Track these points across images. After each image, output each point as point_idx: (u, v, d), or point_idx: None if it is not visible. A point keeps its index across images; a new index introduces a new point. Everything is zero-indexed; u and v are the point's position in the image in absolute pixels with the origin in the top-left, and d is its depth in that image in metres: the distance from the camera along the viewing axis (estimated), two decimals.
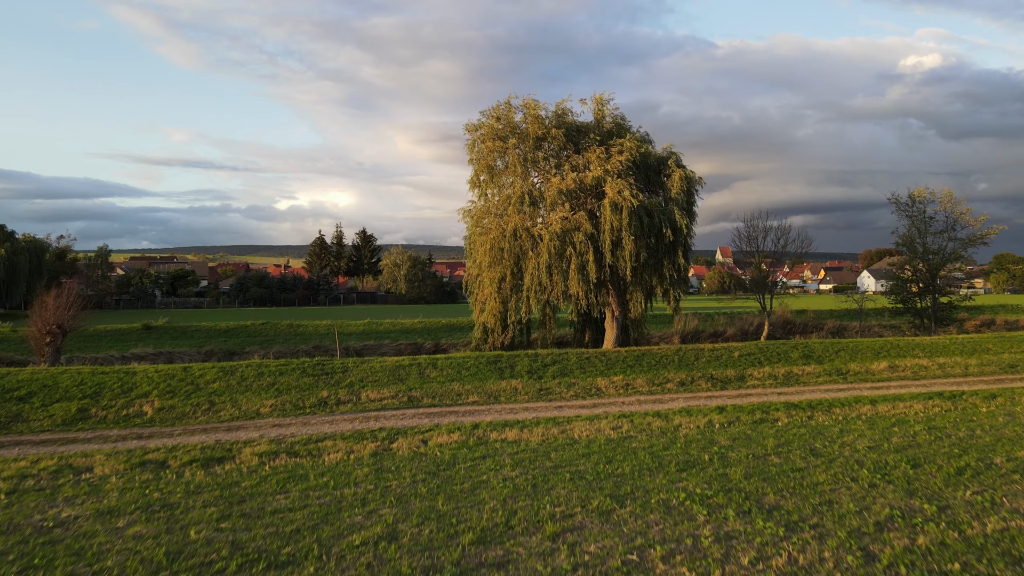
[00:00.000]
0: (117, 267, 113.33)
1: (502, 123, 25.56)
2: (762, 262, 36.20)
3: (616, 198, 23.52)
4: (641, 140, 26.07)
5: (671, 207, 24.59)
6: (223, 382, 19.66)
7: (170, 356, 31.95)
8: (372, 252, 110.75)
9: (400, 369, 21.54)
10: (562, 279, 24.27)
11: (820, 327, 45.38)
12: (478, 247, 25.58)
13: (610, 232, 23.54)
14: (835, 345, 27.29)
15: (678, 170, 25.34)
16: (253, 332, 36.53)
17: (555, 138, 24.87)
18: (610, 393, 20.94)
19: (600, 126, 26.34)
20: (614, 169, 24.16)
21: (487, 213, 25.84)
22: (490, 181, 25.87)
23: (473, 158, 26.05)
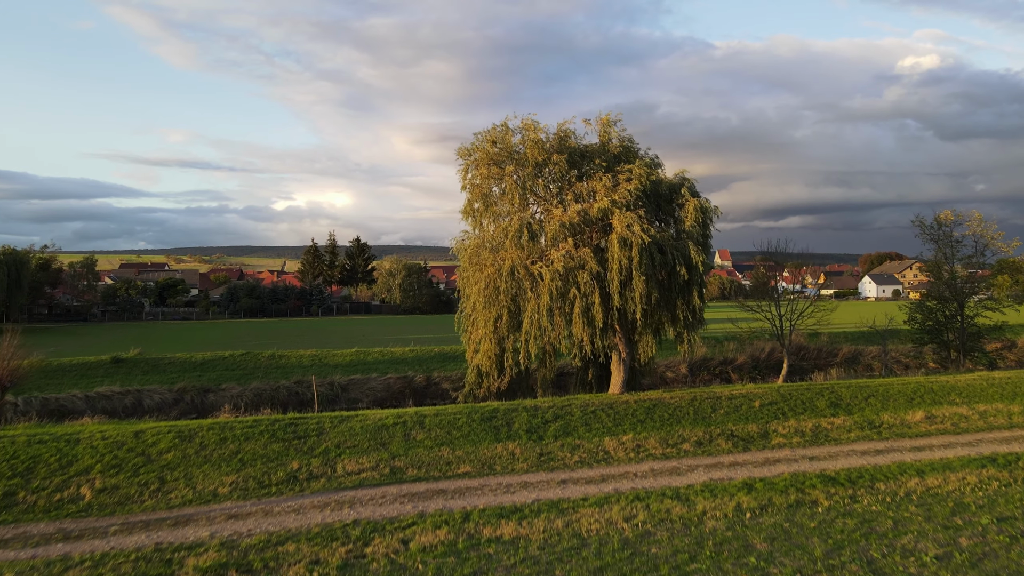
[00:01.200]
0: (105, 276, 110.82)
1: (498, 147, 23.15)
2: (782, 302, 33.61)
3: (625, 233, 21.13)
4: (650, 165, 23.68)
5: (685, 242, 22.20)
6: (179, 451, 17.20)
7: (139, 396, 29.48)
8: (366, 261, 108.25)
9: (383, 430, 19.10)
10: (564, 322, 21.88)
11: (835, 353, 43.04)
12: (472, 284, 23.18)
13: (618, 271, 21.14)
14: (864, 390, 24.90)
15: (692, 200, 22.96)
16: (231, 364, 34.01)
17: (557, 164, 22.47)
18: (619, 457, 18.55)
19: (606, 149, 23.95)
20: (622, 199, 21.77)
21: (482, 247, 23.43)
22: (485, 211, 23.45)
23: (466, 186, 23.63)
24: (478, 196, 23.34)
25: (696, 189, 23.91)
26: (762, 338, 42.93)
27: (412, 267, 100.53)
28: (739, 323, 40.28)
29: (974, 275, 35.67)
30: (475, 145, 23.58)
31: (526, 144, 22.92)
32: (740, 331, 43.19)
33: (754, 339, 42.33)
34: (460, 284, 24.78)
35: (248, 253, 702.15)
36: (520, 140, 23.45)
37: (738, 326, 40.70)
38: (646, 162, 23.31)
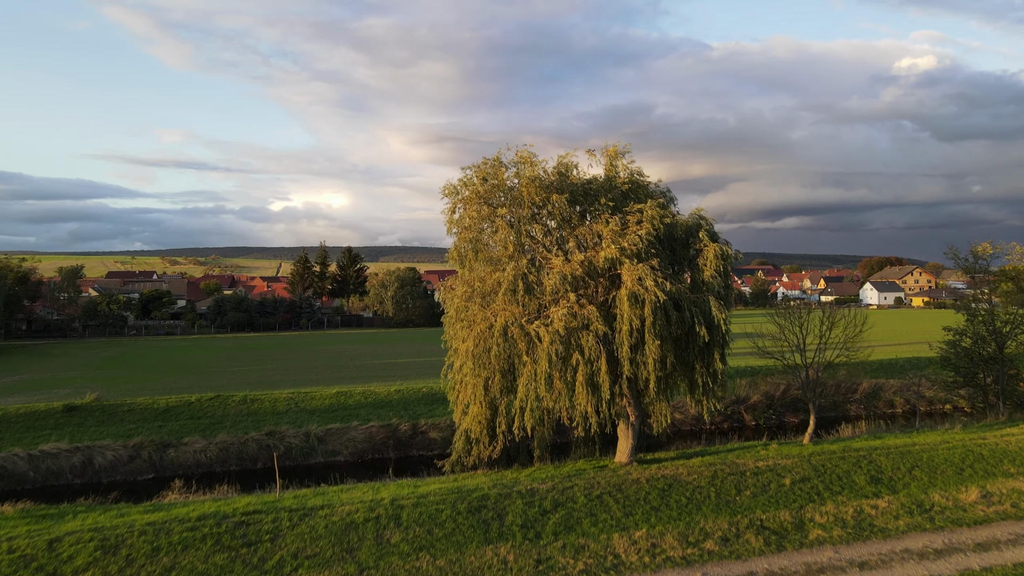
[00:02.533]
0: (89, 286, 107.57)
1: (490, 184, 20.15)
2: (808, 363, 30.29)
3: (636, 288, 18.14)
4: (663, 204, 20.67)
5: (705, 296, 19.23)
6: (98, 569, 14.15)
7: (89, 454, 26.37)
8: (358, 272, 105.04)
9: (351, 531, 16.06)
10: (566, 390, 18.89)
11: (854, 389, 40.08)
12: (459, 341, 20.18)
13: (628, 334, 18.17)
14: (906, 458, 21.93)
15: (712, 246, 19.99)
16: (198, 412, 30.87)
17: (557, 205, 19.47)
18: (631, 562, 15.54)
19: (612, 185, 20.96)
20: (632, 246, 18.80)
21: (471, 298, 20.41)
22: (474, 257, 20.43)
23: (454, 228, 20.63)
24: (466, 241, 20.33)
25: (715, 231, 20.94)
26: (775, 372, 39.96)
27: (405, 278, 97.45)
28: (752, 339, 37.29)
29: (1016, 315, 32.70)
30: (463, 181, 20.58)
31: (522, 181, 19.92)
32: (752, 364, 40.21)
33: (767, 374, 39.37)
34: (448, 335, 21.76)
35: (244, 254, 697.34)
36: (515, 173, 20.46)
37: (753, 342, 37.72)
38: (659, 201, 20.30)
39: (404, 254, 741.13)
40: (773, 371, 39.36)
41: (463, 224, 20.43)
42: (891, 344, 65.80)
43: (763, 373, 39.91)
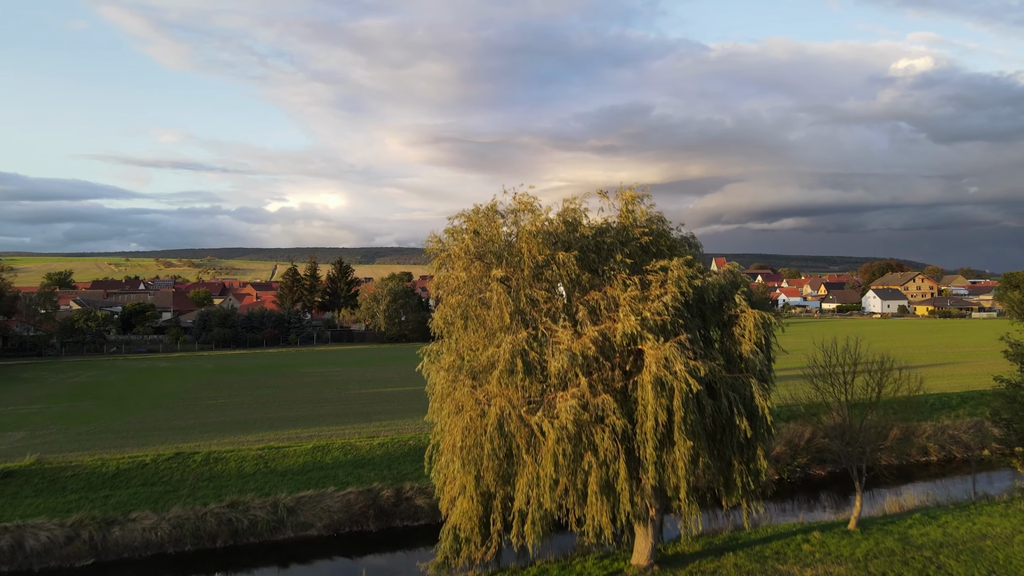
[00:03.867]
0: (71, 298, 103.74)
1: (483, 238, 16.64)
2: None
3: (662, 373, 14.67)
4: (690, 262, 17.15)
5: (744, 379, 15.77)
6: None
7: (20, 535, 22.73)
8: (348, 284, 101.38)
9: None
10: (576, 498, 15.39)
11: (884, 434, 36.59)
12: (445, 432, 16.65)
13: (653, 430, 14.69)
14: (979, 562, 18.43)
15: (751, 312, 16.52)
16: (152, 476, 27.16)
17: (564, 264, 15.98)
18: None
19: (629, 236, 17.46)
20: (655, 316, 15.33)
21: (459, 372, 16.87)
22: (464, 328, 16.91)
23: (440, 292, 17.13)
24: (454, 307, 16.79)
25: (752, 293, 17.45)
26: (797, 417, 36.49)
27: (397, 291, 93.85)
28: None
29: None
30: (452, 232, 17.05)
31: (521, 235, 16.41)
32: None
33: (787, 418, 35.88)
34: (431, 411, 18.21)
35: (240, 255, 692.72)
36: (512, 222, 16.94)
37: (787, 403, 34.31)
38: (686, 258, 16.78)
39: (401, 255, 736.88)
40: (794, 412, 35.94)
41: (450, 286, 16.90)
42: (909, 366, 62.42)
43: (783, 416, 36.42)
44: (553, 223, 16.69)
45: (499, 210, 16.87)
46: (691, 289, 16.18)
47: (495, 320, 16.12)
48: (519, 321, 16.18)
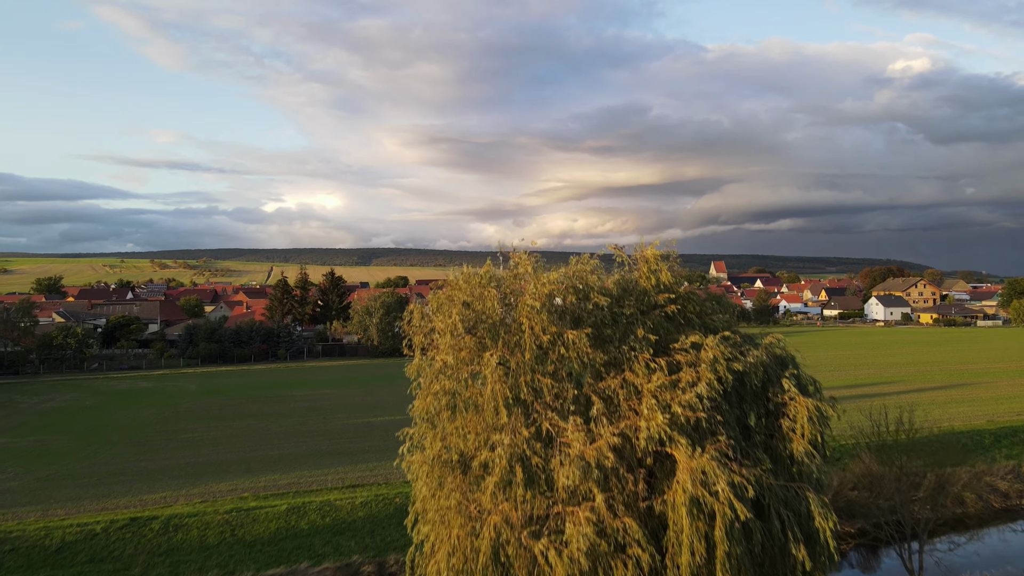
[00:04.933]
0: (54, 310, 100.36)
1: (475, 311, 13.55)
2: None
3: (699, 493, 11.62)
4: (729, 339, 14.03)
5: (799, 490, 12.69)
6: None
7: None
8: (340, 296, 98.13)
9: None
10: None
11: (916, 484, 33.55)
12: (427, 558, 13.55)
13: (689, 566, 11.61)
14: None
15: (803, 401, 13.43)
16: (102, 551, 23.89)
17: (574, 346, 12.91)
18: None
19: (651, 303, 14.40)
20: (687, 412, 12.28)
21: (445, 469, 13.78)
22: (450, 419, 13.80)
23: (420, 376, 14.03)
24: (437, 395, 13.63)
25: (802, 377, 14.35)
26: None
27: (391, 304, 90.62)
28: None
29: None
30: (437, 303, 13.93)
31: (521, 309, 13.29)
32: None
33: None
34: (412, 512, 15.11)
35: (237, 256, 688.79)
36: (508, 288, 13.85)
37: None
38: (722, 334, 13.68)
39: (398, 256, 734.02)
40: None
41: (434, 368, 13.77)
42: (926, 388, 59.54)
43: None
44: (561, 289, 13.55)
45: (495, 275, 13.75)
46: (730, 375, 13.09)
47: (489, 414, 13.01)
48: (519, 415, 13.07)
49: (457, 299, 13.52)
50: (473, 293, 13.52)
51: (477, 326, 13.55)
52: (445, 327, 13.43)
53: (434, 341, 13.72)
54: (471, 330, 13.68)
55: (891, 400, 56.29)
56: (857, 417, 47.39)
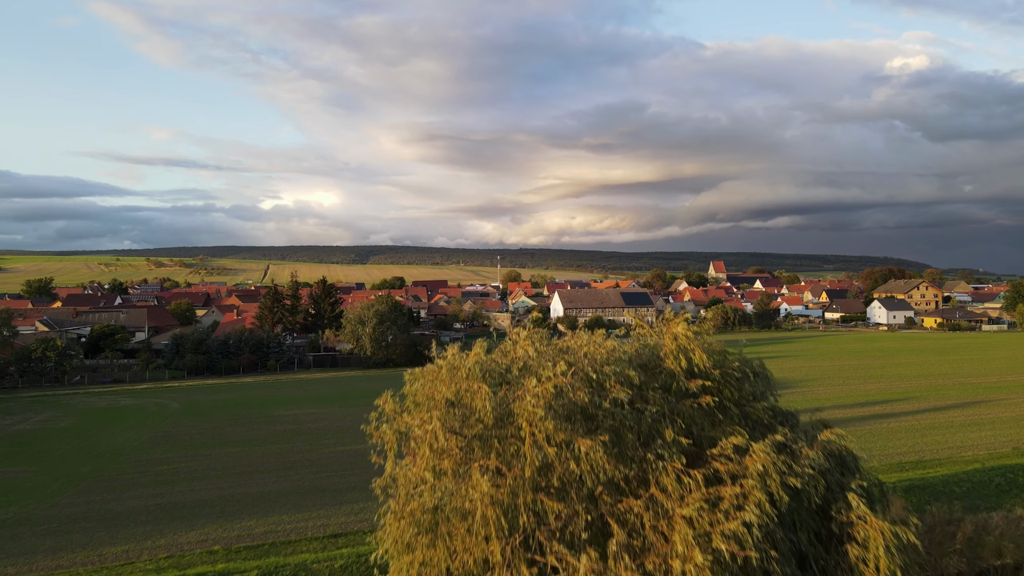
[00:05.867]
0: (37, 318, 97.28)
1: (460, 411, 10.72)
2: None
3: None
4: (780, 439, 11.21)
5: None
6: None
7: None
8: (333, 305, 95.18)
9: None
10: None
11: (952, 534, 30.78)
12: None
13: None
14: None
15: (877, 525, 10.63)
16: None
17: (587, 458, 10.10)
18: None
19: (682, 390, 11.59)
20: (733, 547, 9.50)
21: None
22: (431, 544, 10.95)
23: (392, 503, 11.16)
24: (416, 514, 10.77)
25: (870, 486, 11.54)
26: None
27: (384, 313, 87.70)
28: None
29: None
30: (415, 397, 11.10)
31: (520, 414, 10.44)
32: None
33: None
34: None
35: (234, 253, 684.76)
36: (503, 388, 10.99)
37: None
38: (773, 438, 10.86)
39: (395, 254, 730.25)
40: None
41: (410, 482, 10.92)
42: (940, 406, 56.82)
43: None
44: (567, 384, 10.70)
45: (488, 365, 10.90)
46: (785, 493, 10.28)
47: (477, 547, 10.16)
48: (518, 547, 10.23)
49: (439, 396, 10.68)
50: (459, 387, 10.68)
51: (464, 428, 10.70)
52: (424, 435, 10.59)
53: (411, 448, 10.89)
54: (457, 430, 10.83)
55: (905, 422, 53.76)
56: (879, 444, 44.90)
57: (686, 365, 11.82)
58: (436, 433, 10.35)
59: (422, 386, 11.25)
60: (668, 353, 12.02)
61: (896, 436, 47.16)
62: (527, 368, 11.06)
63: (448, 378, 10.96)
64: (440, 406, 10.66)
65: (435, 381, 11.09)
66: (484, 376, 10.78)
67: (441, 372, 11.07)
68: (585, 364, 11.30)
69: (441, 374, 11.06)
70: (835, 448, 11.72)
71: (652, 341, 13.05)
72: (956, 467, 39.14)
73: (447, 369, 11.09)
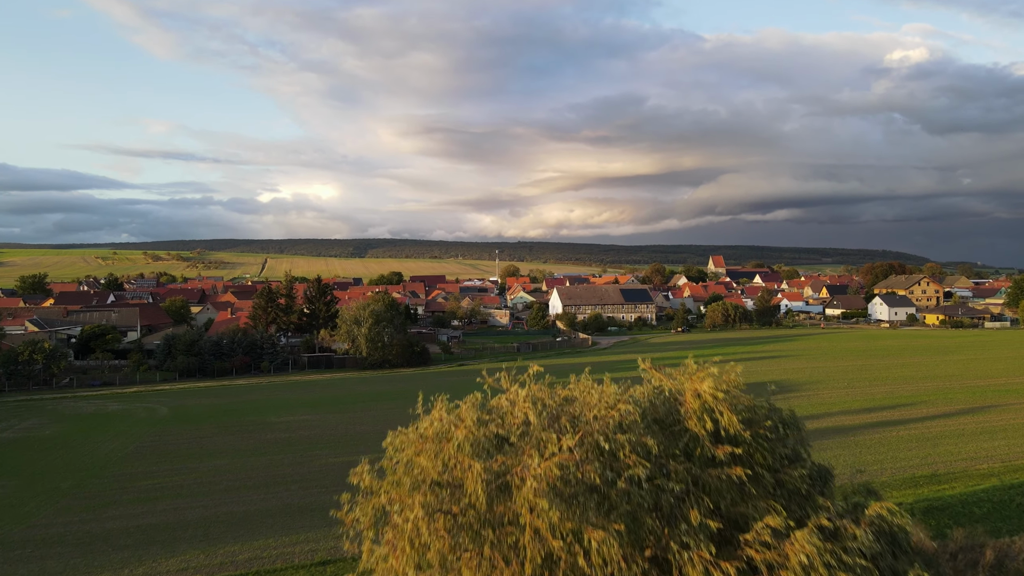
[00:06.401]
0: (26, 319, 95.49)
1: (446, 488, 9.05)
2: None
3: None
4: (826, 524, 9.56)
5: None
6: None
7: None
8: (327, 305, 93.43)
9: None
10: None
11: (975, 561, 29.26)
12: None
13: None
14: None
15: None
16: None
17: (598, 552, 8.46)
18: None
19: (707, 458, 9.94)
20: None
21: None
22: None
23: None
24: None
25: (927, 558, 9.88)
26: None
27: (380, 313, 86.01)
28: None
29: None
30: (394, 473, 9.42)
31: (519, 501, 8.75)
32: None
33: None
34: None
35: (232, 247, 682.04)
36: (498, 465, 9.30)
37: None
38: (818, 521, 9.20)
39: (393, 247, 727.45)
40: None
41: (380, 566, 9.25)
42: (949, 412, 55.20)
43: None
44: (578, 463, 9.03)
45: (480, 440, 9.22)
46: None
47: None
48: None
49: (424, 476, 8.98)
50: (447, 463, 9.00)
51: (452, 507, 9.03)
52: (404, 524, 8.91)
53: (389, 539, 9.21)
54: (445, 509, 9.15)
55: (915, 430, 52.19)
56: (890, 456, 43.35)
57: (712, 428, 10.15)
58: (419, 526, 8.68)
59: (404, 458, 9.57)
60: (691, 412, 10.34)
61: (907, 446, 45.62)
62: (527, 435, 9.38)
63: (434, 452, 9.29)
64: (424, 487, 9.00)
65: (417, 454, 9.41)
66: (476, 451, 9.10)
67: (426, 444, 9.40)
68: (595, 430, 9.61)
69: (426, 446, 9.39)
70: (886, 526, 10.06)
71: (667, 385, 11.39)
72: (972, 482, 37.63)
73: (432, 435, 9.42)
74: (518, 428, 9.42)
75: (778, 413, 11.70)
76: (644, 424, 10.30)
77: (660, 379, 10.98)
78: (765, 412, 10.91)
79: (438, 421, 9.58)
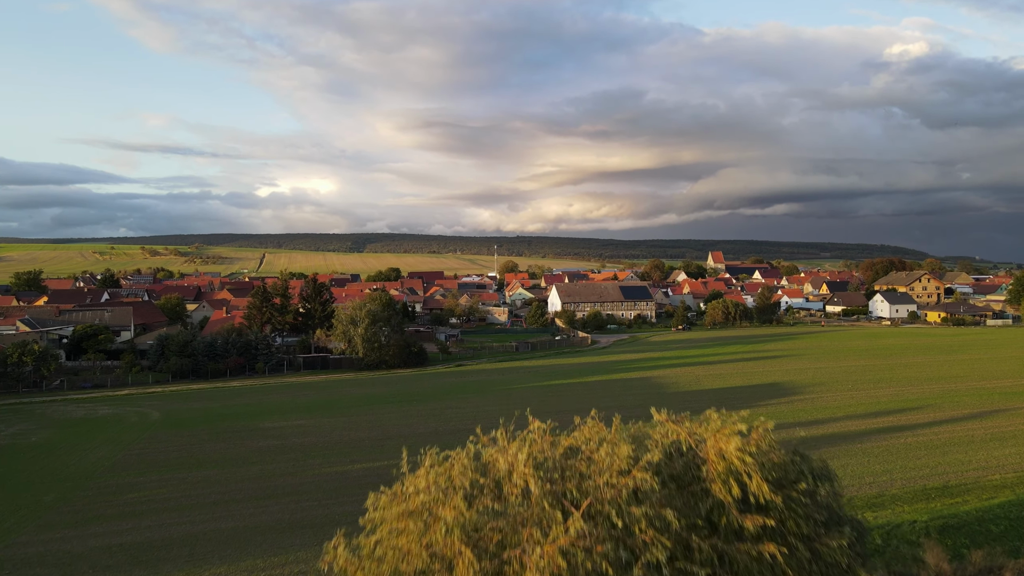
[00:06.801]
0: (18, 318, 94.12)
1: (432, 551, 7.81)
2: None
3: None
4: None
5: None
6: None
7: None
8: (323, 304, 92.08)
9: None
10: None
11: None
12: None
13: None
14: None
15: None
16: None
17: None
18: None
19: (732, 526, 8.68)
20: None
21: None
22: None
23: None
24: None
25: None
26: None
27: (377, 313, 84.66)
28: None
29: None
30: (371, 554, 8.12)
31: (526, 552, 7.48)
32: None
33: None
34: None
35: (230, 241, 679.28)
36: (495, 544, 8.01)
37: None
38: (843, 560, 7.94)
39: (392, 242, 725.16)
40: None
41: None
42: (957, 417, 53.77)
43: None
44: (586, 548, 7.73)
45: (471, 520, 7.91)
46: None
47: None
48: None
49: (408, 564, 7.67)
50: (435, 549, 7.70)
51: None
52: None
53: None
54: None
55: (923, 436, 50.95)
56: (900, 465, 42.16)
57: (739, 494, 8.85)
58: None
59: (384, 536, 8.27)
60: (715, 476, 9.03)
61: (916, 454, 44.42)
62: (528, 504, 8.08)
63: (418, 532, 8.00)
64: (415, 511, 7.70)
65: (401, 534, 8.11)
66: (467, 536, 7.80)
67: (409, 523, 8.10)
68: (606, 499, 8.31)
69: (409, 525, 8.09)
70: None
71: (683, 438, 10.10)
72: (986, 495, 36.42)
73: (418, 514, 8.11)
74: (516, 499, 8.12)
75: (808, 463, 10.42)
76: (660, 482, 9.01)
77: (677, 431, 9.67)
78: (797, 470, 9.60)
79: (424, 492, 8.28)
